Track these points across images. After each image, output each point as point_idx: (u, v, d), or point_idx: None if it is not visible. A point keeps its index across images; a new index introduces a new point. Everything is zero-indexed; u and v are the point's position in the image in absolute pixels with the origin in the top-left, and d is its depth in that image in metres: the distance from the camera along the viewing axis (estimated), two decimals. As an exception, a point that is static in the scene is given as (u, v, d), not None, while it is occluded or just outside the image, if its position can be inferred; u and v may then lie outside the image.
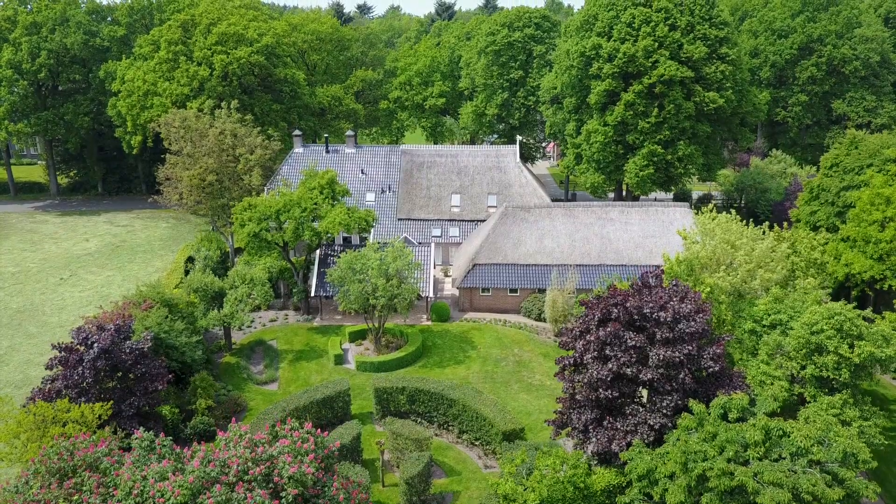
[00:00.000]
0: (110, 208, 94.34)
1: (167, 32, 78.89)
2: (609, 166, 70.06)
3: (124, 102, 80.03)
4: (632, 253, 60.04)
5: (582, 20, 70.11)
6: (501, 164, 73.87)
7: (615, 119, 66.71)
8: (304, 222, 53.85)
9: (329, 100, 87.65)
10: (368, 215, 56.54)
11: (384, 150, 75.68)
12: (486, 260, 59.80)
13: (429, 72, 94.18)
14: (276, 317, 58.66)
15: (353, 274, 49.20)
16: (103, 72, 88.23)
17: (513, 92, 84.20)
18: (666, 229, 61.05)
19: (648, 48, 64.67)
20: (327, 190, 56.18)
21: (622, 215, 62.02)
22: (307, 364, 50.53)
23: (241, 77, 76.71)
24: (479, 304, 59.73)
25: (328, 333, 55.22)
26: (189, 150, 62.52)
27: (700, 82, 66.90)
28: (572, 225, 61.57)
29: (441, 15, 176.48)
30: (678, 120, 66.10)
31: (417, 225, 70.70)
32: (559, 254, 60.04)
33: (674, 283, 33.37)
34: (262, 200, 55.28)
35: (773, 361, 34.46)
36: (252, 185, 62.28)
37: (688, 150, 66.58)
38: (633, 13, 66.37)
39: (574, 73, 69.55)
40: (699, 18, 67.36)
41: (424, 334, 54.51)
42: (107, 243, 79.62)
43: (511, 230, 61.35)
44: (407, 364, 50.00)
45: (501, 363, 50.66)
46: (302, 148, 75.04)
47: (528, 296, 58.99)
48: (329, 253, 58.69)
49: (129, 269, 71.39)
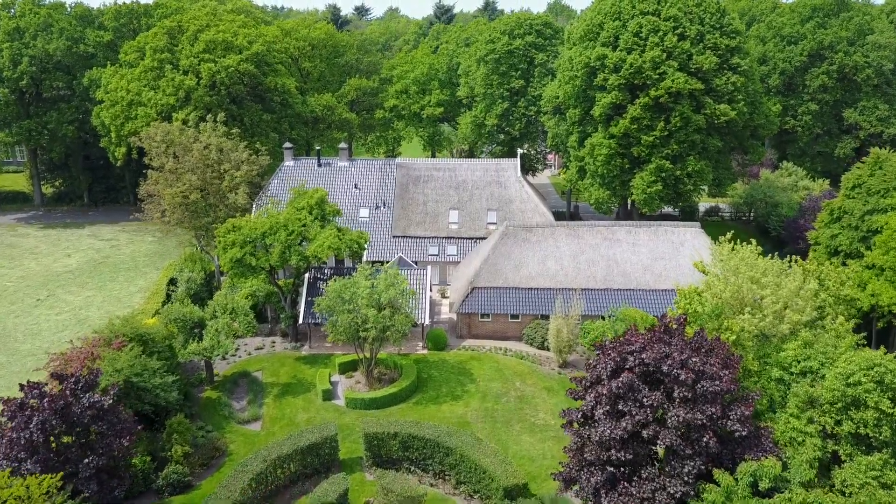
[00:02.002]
0: (96, 220, 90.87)
1: (152, 39, 75.47)
2: (614, 181, 66.73)
3: (107, 112, 76.63)
4: (640, 276, 56.70)
5: (585, 28, 66.76)
6: (501, 179, 70.52)
7: (619, 131, 63.34)
8: (292, 245, 50.45)
9: (322, 109, 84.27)
10: (361, 237, 53.17)
11: (379, 164, 72.32)
12: (486, 283, 56.44)
13: (426, 79, 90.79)
14: (262, 344, 55.27)
15: (342, 303, 45.81)
16: (87, 79, 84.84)
17: (513, 101, 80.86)
18: (676, 251, 57.73)
19: (656, 59, 61.33)
20: (316, 210, 52.80)
21: (630, 236, 58.67)
22: (293, 400, 47.12)
23: (230, 86, 73.29)
24: (478, 330, 56.35)
25: (317, 364, 51.84)
26: (171, 165, 59.07)
27: (710, 94, 63.56)
28: (577, 246, 58.22)
29: (440, 18, 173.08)
30: (687, 133, 62.75)
31: (413, 243, 67.33)
32: (563, 277, 56.70)
33: (698, 333, 29.96)
34: (247, 222, 51.88)
35: (804, 415, 31.12)
36: (238, 204, 58.84)
37: (698, 166, 63.25)
38: (640, 22, 63.03)
39: (577, 84, 66.22)
40: (709, 27, 64.05)
41: (420, 365, 51.15)
42: (89, 259, 76.18)
43: (512, 251, 58.01)
44: (401, 400, 46.62)
45: (502, 399, 47.28)
46: (292, 161, 71.67)
47: (530, 322, 55.62)
48: (319, 276, 55.31)
49: (110, 288, 67.94)
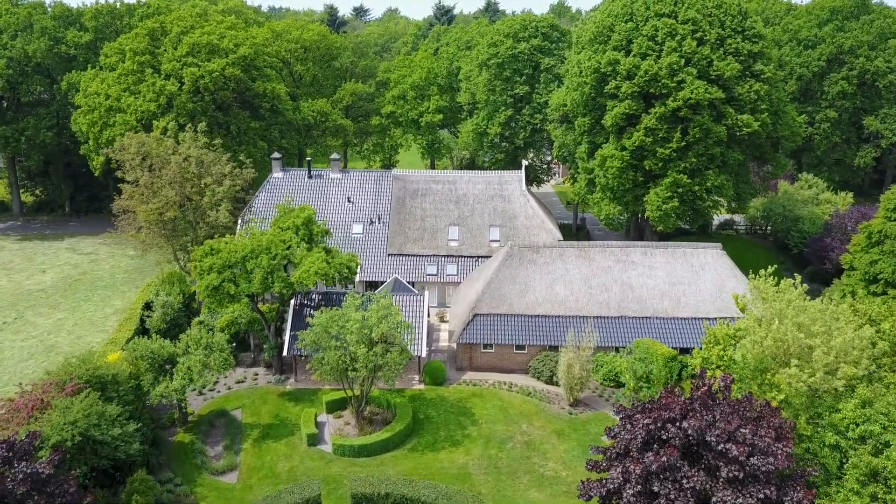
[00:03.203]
0: (76, 231, 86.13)
1: (133, 41, 70.70)
2: (626, 195, 61.94)
3: (84, 119, 71.87)
4: (657, 303, 51.96)
5: (595, 31, 61.98)
6: (505, 193, 65.80)
7: (633, 143, 58.60)
8: (275, 271, 45.70)
9: (315, 115, 79.52)
10: (352, 261, 48.39)
11: (373, 176, 67.58)
12: (489, 309, 51.69)
13: (425, 84, 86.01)
14: (244, 376, 50.54)
15: (329, 338, 41.06)
16: (66, 83, 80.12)
17: (517, 109, 76.10)
18: (696, 275, 53.00)
19: (673, 66, 56.57)
20: (303, 231, 48.04)
21: (645, 258, 53.94)
22: (275, 445, 42.34)
23: (215, 92, 68.52)
24: (480, 362, 51.59)
25: (302, 401, 47.07)
26: (146, 179, 54.30)
27: (731, 103, 58.81)
28: (588, 269, 53.48)
29: (440, 19, 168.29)
30: (706, 146, 58.00)
31: (410, 261, 62.60)
32: (573, 303, 51.96)
33: (746, 398, 25.22)
34: (227, 244, 47.12)
35: (866, 490, 26.41)
36: (219, 222, 54.07)
37: (718, 180, 58.48)
38: (655, 25, 58.27)
39: (587, 91, 61.44)
40: (730, 31, 59.25)
41: (416, 403, 46.40)
42: (65, 276, 71.42)
43: (517, 274, 53.27)
44: (394, 446, 41.83)
45: (507, 444, 42.51)
46: (281, 172, 66.92)
47: (537, 353, 50.86)
48: (306, 303, 50.56)
49: (83, 309, 63.17)
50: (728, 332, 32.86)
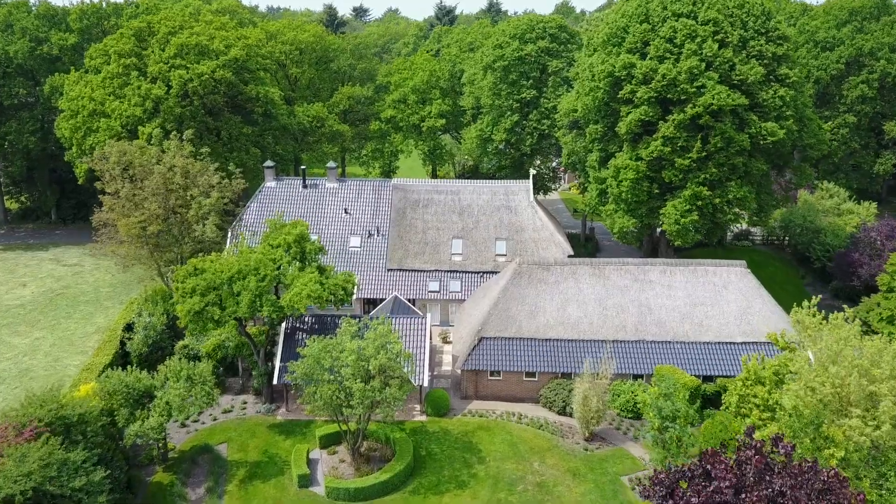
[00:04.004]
0: (61, 240, 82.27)
1: (118, 43, 66.86)
2: (641, 208, 58.12)
3: (67, 124, 68.06)
4: (677, 326, 48.17)
5: (609, 33, 58.17)
6: (512, 203, 62.02)
7: (650, 153, 54.81)
8: (263, 294, 41.88)
9: (311, 120, 75.69)
10: (348, 281, 44.58)
11: (372, 185, 63.78)
12: (496, 332, 47.88)
13: (427, 87, 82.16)
14: (231, 405, 46.71)
15: (322, 371, 37.25)
16: (49, 86, 76.31)
17: (524, 114, 72.28)
18: (718, 295, 49.20)
19: (693, 70, 52.75)
20: (295, 249, 44.21)
21: (664, 276, 50.14)
22: (262, 486, 38.52)
23: (204, 96, 64.68)
24: (486, 390, 47.74)
25: (294, 433, 43.25)
26: (127, 191, 50.47)
27: (754, 110, 55.02)
28: (603, 288, 49.67)
29: (441, 19, 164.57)
30: (728, 156, 54.20)
31: (411, 277, 58.81)
32: (587, 326, 48.15)
33: (811, 466, 21.41)
34: (212, 262, 43.31)
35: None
36: (206, 237, 50.24)
37: (740, 192, 54.66)
38: (673, 26, 54.45)
39: (599, 96, 57.60)
40: (753, 32, 55.47)
41: (418, 437, 42.59)
42: (46, 290, 67.57)
43: (526, 293, 49.46)
44: (393, 489, 38.02)
45: (517, 486, 38.67)
46: (275, 182, 63.18)
47: (548, 381, 47.04)
48: (298, 326, 46.74)
49: (64, 327, 59.33)
50: (770, 368, 29.05)
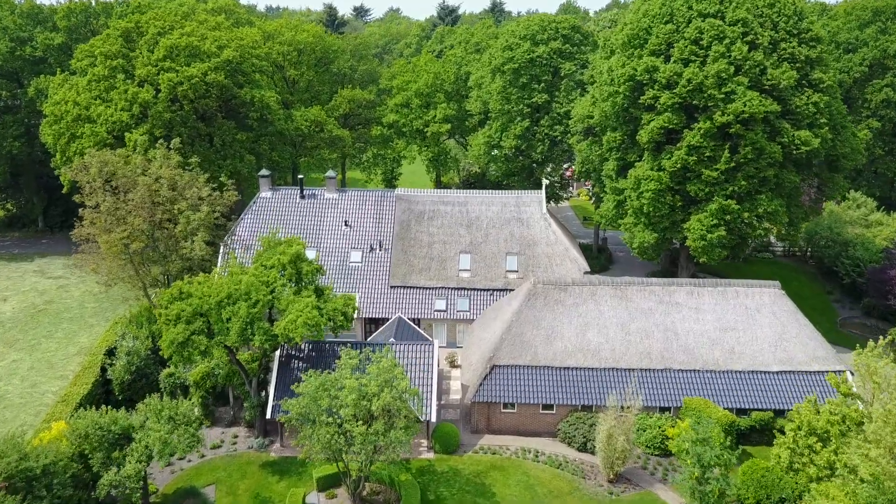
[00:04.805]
0: (47, 250, 78.34)
1: (104, 44, 62.94)
2: (663, 221, 54.26)
3: (49, 130, 64.19)
4: (707, 353, 44.27)
5: (630, 34, 54.30)
6: (523, 215, 58.16)
7: (673, 164, 50.97)
8: (255, 321, 37.99)
9: (309, 125, 71.81)
10: (347, 305, 40.69)
11: (374, 196, 59.91)
12: (510, 360, 43.98)
13: (431, 91, 78.27)
14: (221, 439, 42.81)
15: (320, 412, 33.35)
16: (34, 88, 72.47)
17: (535, 120, 68.38)
18: (751, 319, 45.31)
19: (722, 74, 48.88)
20: (290, 270, 40.32)
21: (691, 298, 46.24)
22: (253, 539, 34.72)
23: (196, 100, 60.78)
24: (499, 423, 43.78)
25: (289, 473, 39.33)
26: (109, 205, 46.57)
27: (786, 117, 51.18)
28: (625, 311, 45.76)
29: (444, 19, 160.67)
30: (758, 167, 50.35)
31: (416, 295, 54.96)
32: (609, 352, 44.25)
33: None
34: (199, 286, 39.39)
35: None
36: (195, 255, 46.35)
37: (771, 206, 50.81)
38: (700, 26, 50.59)
39: (619, 102, 53.77)
40: (785, 33, 51.71)
41: (425, 478, 38.69)
42: (28, 304, 63.65)
43: (542, 316, 45.56)
44: (399, 542, 34.26)
45: (537, 538, 34.86)
46: (270, 192, 59.34)
47: (567, 414, 43.12)
48: (293, 353, 42.84)
49: (44, 348, 55.39)
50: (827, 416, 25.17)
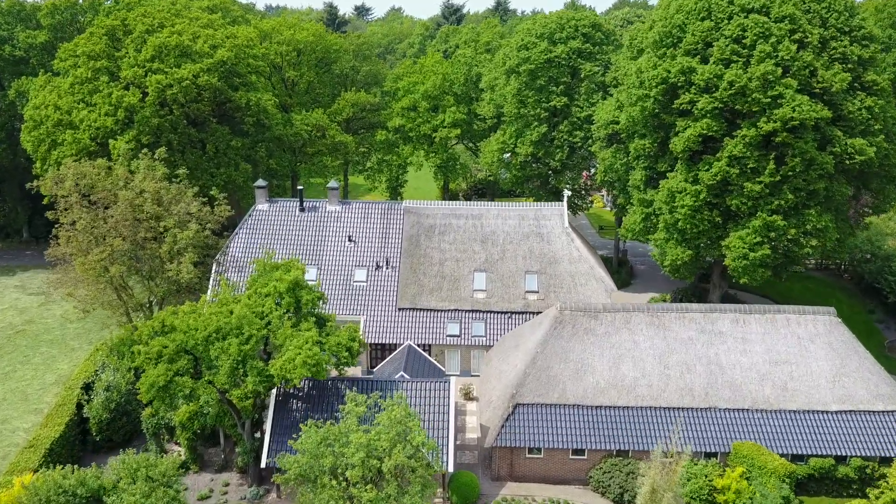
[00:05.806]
0: (31, 263, 73.53)
1: (88, 43, 58.11)
2: (700, 238, 49.41)
3: (29, 136, 59.40)
4: (756, 389, 39.38)
5: (662, 32, 49.48)
6: (543, 230, 53.36)
7: (713, 177, 46.11)
8: (248, 359, 33.12)
9: (309, 130, 66.98)
10: (352, 338, 35.85)
11: (380, 208, 55.11)
12: (535, 398, 39.12)
13: (439, 93, 73.43)
14: (210, 488, 37.95)
15: (322, 472, 28.48)
16: (14, 91, 67.68)
17: (553, 124, 63.52)
18: (805, 350, 40.42)
19: (768, 76, 44.01)
20: (288, 299, 35.47)
21: (736, 327, 41.34)
22: None
23: (186, 105, 55.94)
24: (523, 470, 38.88)
25: (287, 533, 34.59)
26: (85, 222, 41.70)
27: (837, 123, 46.35)
28: (663, 341, 40.88)
29: (448, 18, 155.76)
30: (807, 179, 45.50)
31: (426, 318, 50.17)
32: (645, 389, 39.38)
33: None
34: (185, 317, 34.56)
35: None
36: (182, 279, 41.47)
37: (821, 222, 45.96)
38: (742, 24, 45.71)
39: (649, 106, 48.92)
40: (835, 31, 46.91)
41: (441, 539, 33.91)
42: (6, 325, 58.91)
43: (571, 347, 40.69)
44: None
45: None
46: (267, 204, 54.57)
47: (600, 460, 38.24)
48: (291, 392, 38.00)
49: (19, 375, 50.60)
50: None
